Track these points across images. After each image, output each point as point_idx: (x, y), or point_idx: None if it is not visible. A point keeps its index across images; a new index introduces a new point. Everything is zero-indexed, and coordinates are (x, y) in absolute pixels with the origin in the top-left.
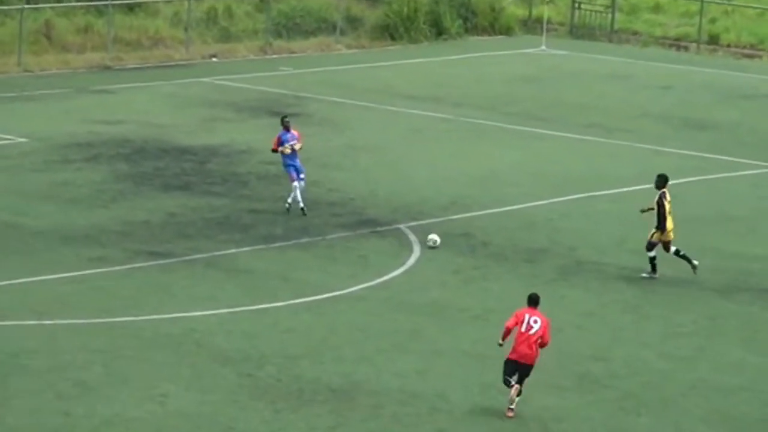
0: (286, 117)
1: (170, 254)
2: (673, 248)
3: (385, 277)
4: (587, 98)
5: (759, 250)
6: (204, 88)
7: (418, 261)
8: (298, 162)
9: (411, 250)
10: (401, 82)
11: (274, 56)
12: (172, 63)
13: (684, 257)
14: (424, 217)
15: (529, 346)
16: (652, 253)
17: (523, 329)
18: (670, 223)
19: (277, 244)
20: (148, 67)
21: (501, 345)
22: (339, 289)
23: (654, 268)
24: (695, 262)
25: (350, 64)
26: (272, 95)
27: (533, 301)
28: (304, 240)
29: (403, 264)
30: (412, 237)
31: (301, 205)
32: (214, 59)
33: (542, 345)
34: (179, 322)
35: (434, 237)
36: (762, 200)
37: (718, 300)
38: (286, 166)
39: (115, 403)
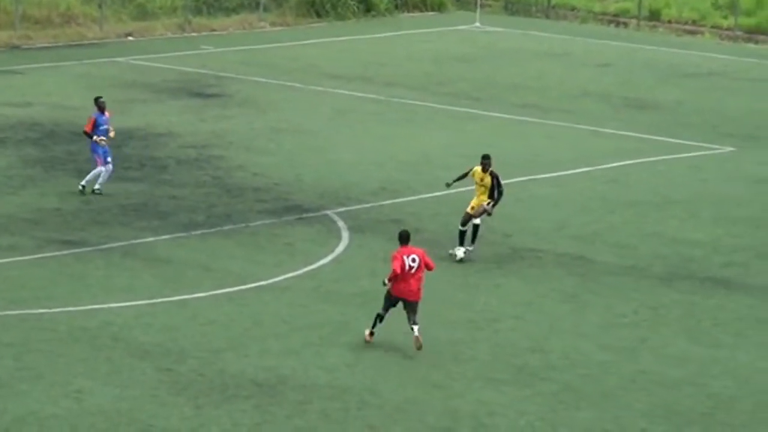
0: (100, 97)
1: (84, 243)
2: (465, 228)
3: (313, 266)
4: (523, 77)
5: (700, 236)
6: (119, 69)
7: (346, 249)
8: (106, 145)
9: (339, 238)
10: (328, 61)
11: (194, 34)
12: (85, 42)
13: (461, 239)
14: (352, 203)
15: (414, 284)
16: (465, 228)
17: (406, 270)
18: (477, 201)
19: (198, 232)
20: (59, 47)
21: (385, 284)
22: (264, 279)
23: (475, 239)
24: (470, 248)
25: (274, 42)
26: (192, 75)
27: (404, 239)
28: (227, 227)
29: (331, 252)
30: (341, 223)
31: (98, 186)
32: (129, 38)
33: (429, 269)
34: (95, 314)
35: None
36: (703, 183)
37: (660, 288)
38: (95, 149)
39: (28, 400)
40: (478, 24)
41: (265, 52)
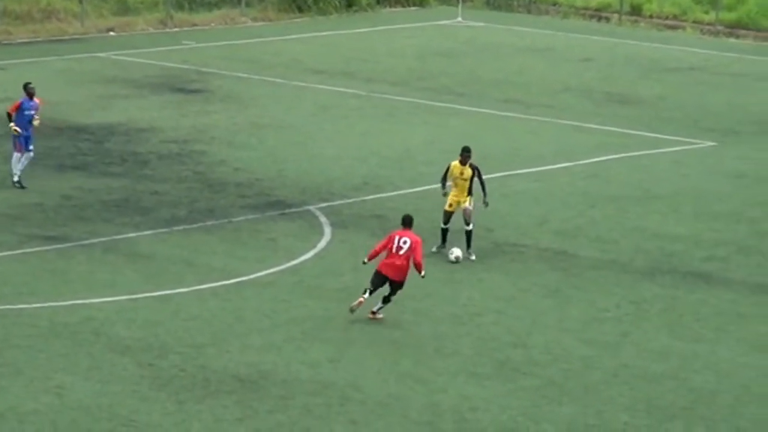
0: (29, 83)
1: (66, 238)
2: (447, 225)
3: (295, 261)
4: (505, 72)
5: (681, 230)
6: (100, 64)
7: (328, 244)
8: (30, 132)
9: (321, 233)
10: (310, 57)
11: (176, 30)
12: (66, 37)
13: (444, 237)
14: (334, 198)
15: (400, 264)
16: (447, 226)
17: (393, 250)
18: (456, 197)
19: (180, 227)
20: (40, 42)
21: (365, 263)
22: (246, 274)
23: (470, 244)
24: (473, 257)
25: (256, 37)
26: (174, 71)
27: (406, 222)
28: (210, 223)
29: (313, 247)
30: (323, 219)
31: (17, 178)
32: (111, 33)
33: (416, 265)
34: (76, 309)
35: (457, 253)
36: (684, 178)
37: (642, 282)
38: (18, 135)
39: (8, 396)
40: (460, 19)
41: (247, 47)
